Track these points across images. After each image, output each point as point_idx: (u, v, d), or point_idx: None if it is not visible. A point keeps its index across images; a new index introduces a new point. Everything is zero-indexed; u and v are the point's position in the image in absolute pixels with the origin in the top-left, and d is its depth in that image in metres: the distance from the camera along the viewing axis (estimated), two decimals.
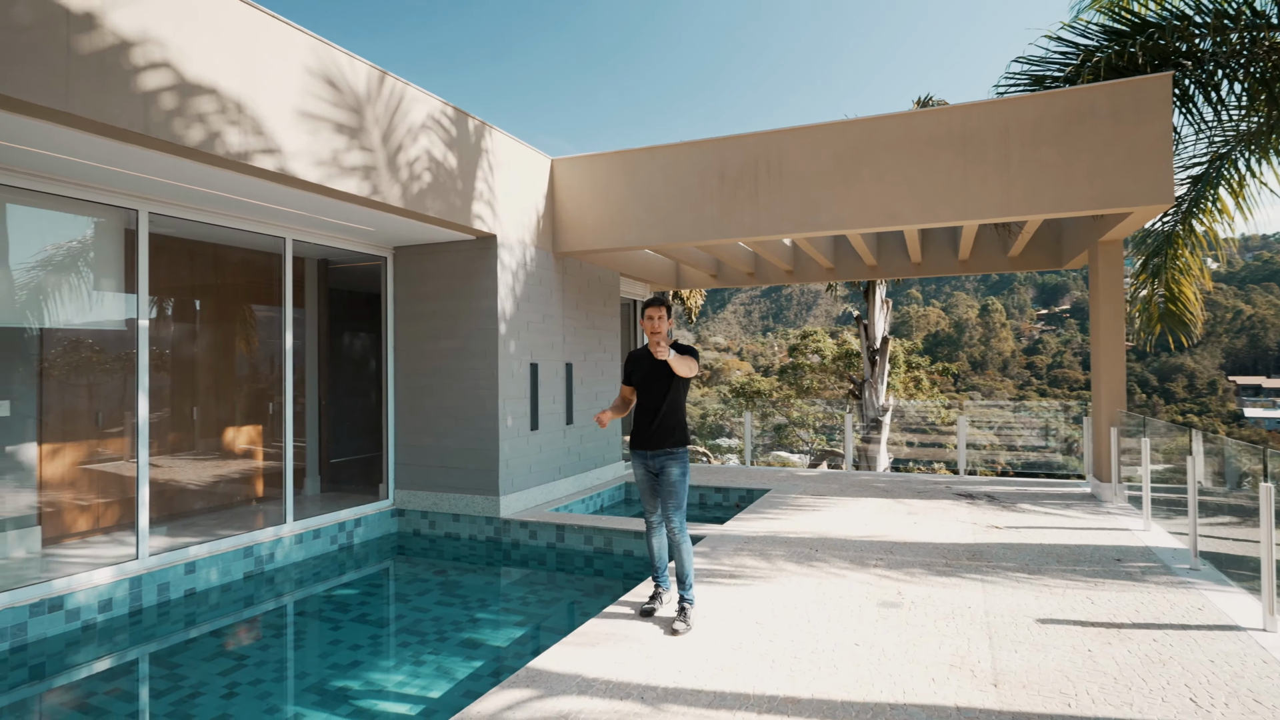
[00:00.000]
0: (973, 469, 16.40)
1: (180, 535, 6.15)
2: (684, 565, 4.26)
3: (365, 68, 5.63)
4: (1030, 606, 4.45)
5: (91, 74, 3.81)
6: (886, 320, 16.02)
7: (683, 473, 4.31)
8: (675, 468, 4.29)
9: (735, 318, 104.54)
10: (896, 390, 19.39)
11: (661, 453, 4.31)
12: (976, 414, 17.70)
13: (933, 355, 72.51)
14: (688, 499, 4.43)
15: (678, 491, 4.29)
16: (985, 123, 6.55)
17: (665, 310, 4.31)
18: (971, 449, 16.51)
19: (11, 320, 5.38)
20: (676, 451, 4.31)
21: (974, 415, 17.00)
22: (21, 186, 4.79)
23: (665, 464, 4.30)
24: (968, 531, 6.44)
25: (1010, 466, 13.59)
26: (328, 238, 7.06)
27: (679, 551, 4.27)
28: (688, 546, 4.29)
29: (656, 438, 4.31)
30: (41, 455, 5.79)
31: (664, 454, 4.30)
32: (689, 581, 4.27)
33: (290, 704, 4.11)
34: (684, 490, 4.33)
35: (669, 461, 4.30)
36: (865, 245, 9.28)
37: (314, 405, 8.37)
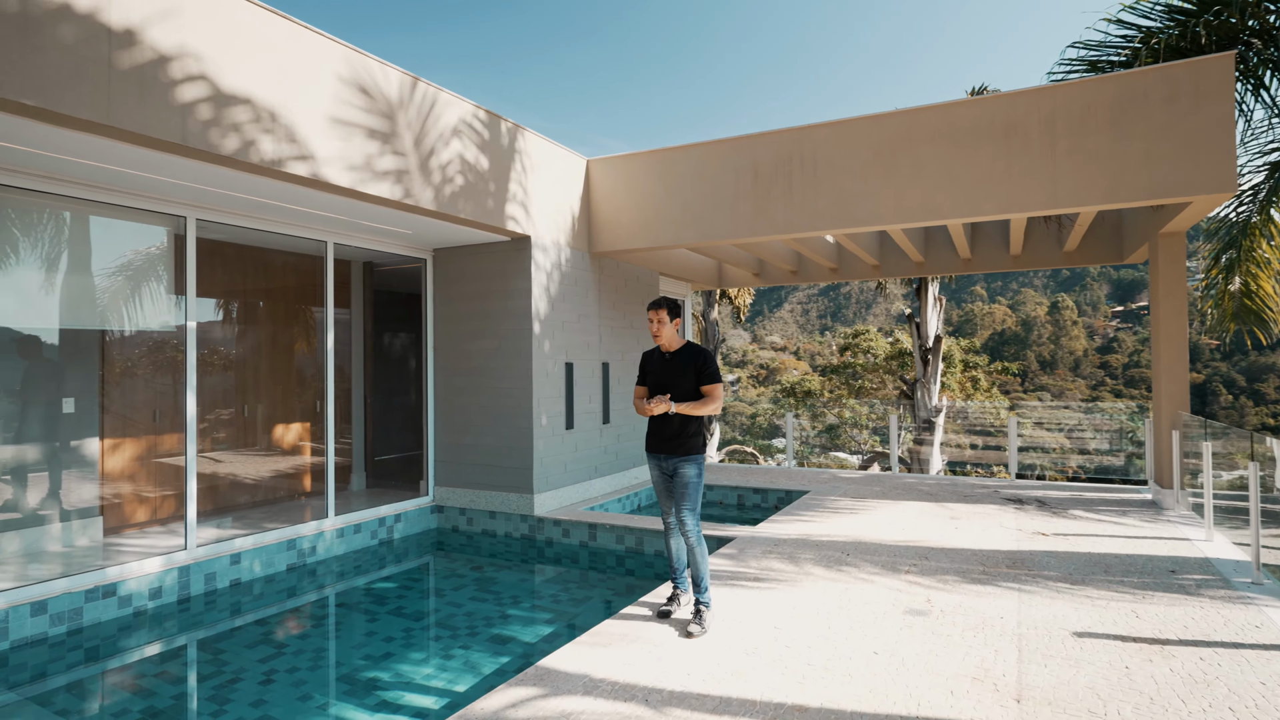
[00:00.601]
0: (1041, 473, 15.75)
1: (227, 528, 6.42)
2: (699, 568, 4.22)
3: (397, 74, 5.77)
4: (1068, 618, 4.24)
5: (131, 88, 4.01)
6: (939, 318, 15.54)
7: (698, 474, 4.26)
8: (689, 468, 4.24)
9: (792, 316, 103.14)
10: (952, 391, 18.77)
11: (676, 455, 4.26)
12: (1045, 415, 17.00)
13: (998, 355, 70.06)
14: (702, 499, 4.40)
15: (691, 493, 4.24)
16: (1029, 111, 6.27)
17: (667, 311, 4.28)
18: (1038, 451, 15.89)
19: (73, 323, 5.71)
20: (689, 457, 4.25)
21: (1041, 416, 16.34)
22: (77, 196, 5.07)
23: (679, 466, 4.26)
24: (1011, 538, 6.18)
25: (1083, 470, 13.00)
26: (367, 240, 7.27)
27: (693, 555, 4.22)
28: (703, 549, 4.24)
29: (671, 441, 4.27)
30: (103, 450, 6.14)
31: (678, 457, 4.26)
32: (705, 584, 4.22)
33: (322, 692, 4.23)
34: (698, 492, 4.28)
35: (683, 463, 4.25)
36: (910, 241, 9.01)
37: (360, 403, 8.62)
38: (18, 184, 4.73)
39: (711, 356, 4.32)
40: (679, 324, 4.37)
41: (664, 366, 4.34)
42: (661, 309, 4.29)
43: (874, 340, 20.42)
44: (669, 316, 4.30)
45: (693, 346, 4.34)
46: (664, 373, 4.32)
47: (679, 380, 4.26)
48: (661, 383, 4.32)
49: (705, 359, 4.27)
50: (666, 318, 4.29)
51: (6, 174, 4.66)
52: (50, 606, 4.75)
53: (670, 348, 4.37)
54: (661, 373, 4.33)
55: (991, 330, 78.46)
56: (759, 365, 74.57)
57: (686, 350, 4.34)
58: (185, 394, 5.74)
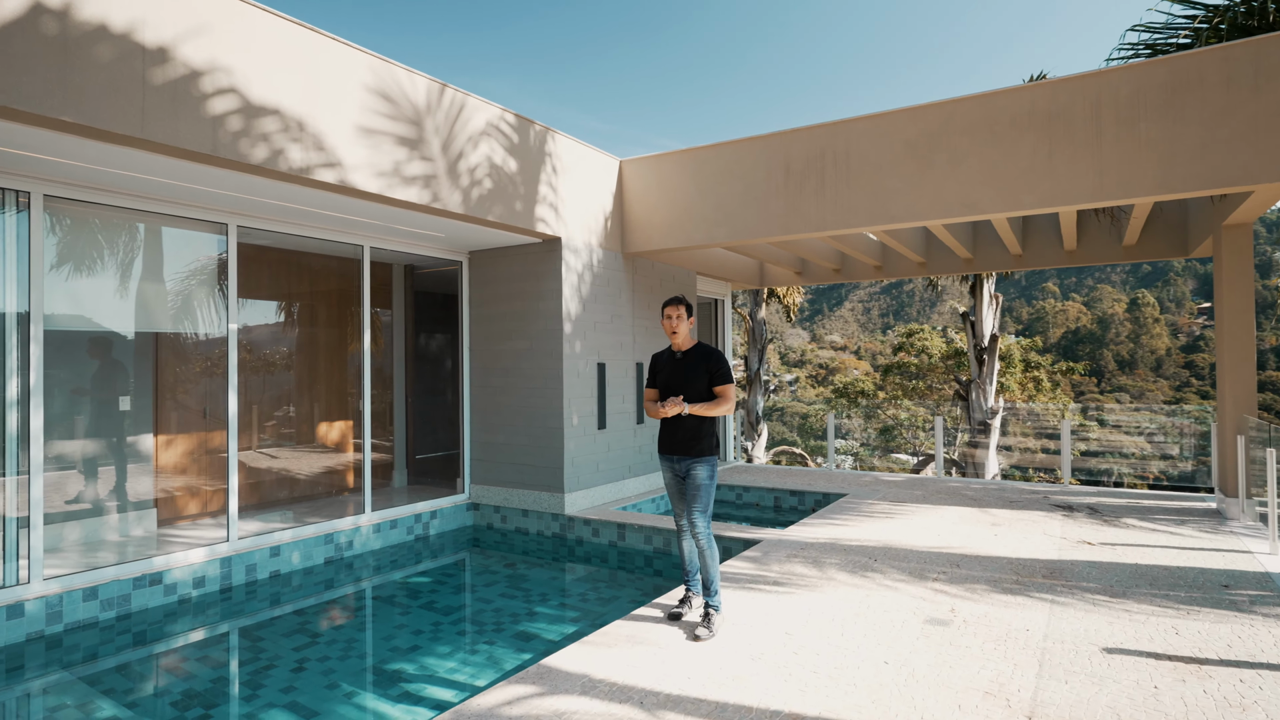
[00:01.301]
0: (1119, 479, 14.95)
1: (269, 521, 6.69)
2: (709, 571, 4.17)
3: (425, 81, 5.90)
4: (1100, 633, 4.03)
5: (164, 102, 4.23)
6: (996, 316, 14.95)
7: (710, 475, 4.22)
8: (702, 470, 4.20)
9: (853, 315, 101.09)
10: (1011, 392, 18.03)
11: (686, 458, 4.23)
12: (1113, 419, 16.13)
13: (1071, 354, 66.96)
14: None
15: (702, 495, 4.21)
16: (1074, 99, 5.97)
17: (685, 309, 4.24)
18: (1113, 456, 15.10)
19: (131, 326, 6.05)
20: (702, 459, 4.21)
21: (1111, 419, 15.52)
22: (126, 207, 5.38)
23: (691, 467, 4.22)
24: (1052, 546, 5.90)
25: (1165, 476, 12.29)
26: (402, 244, 7.46)
27: (704, 557, 4.18)
28: (713, 552, 4.20)
29: (683, 443, 4.23)
30: (157, 445, 6.49)
31: (690, 458, 4.22)
32: (714, 587, 4.18)
33: (349, 681, 4.36)
34: (709, 494, 4.23)
35: (695, 465, 4.21)
36: (955, 238, 8.70)
37: (401, 403, 8.87)
38: (72, 196, 5.04)
39: (724, 357, 4.27)
40: (692, 324, 4.33)
41: (675, 367, 4.30)
42: (680, 305, 4.25)
43: (929, 339, 19.78)
44: (687, 314, 4.26)
45: (704, 347, 4.30)
46: (675, 373, 4.29)
47: (691, 381, 4.22)
48: (672, 384, 4.28)
49: (718, 360, 4.23)
50: (685, 314, 4.25)
51: (64, 187, 4.97)
52: (100, 593, 5.05)
53: (682, 347, 4.32)
54: (673, 374, 4.30)
55: (1064, 329, 75.15)
56: (818, 365, 73.36)
57: (698, 351, 4.29)
58: (228, 393, 6.01)
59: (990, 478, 14.41)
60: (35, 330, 4.80)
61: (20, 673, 4.42)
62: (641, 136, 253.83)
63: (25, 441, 4.81)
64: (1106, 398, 56.68)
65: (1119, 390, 59.72)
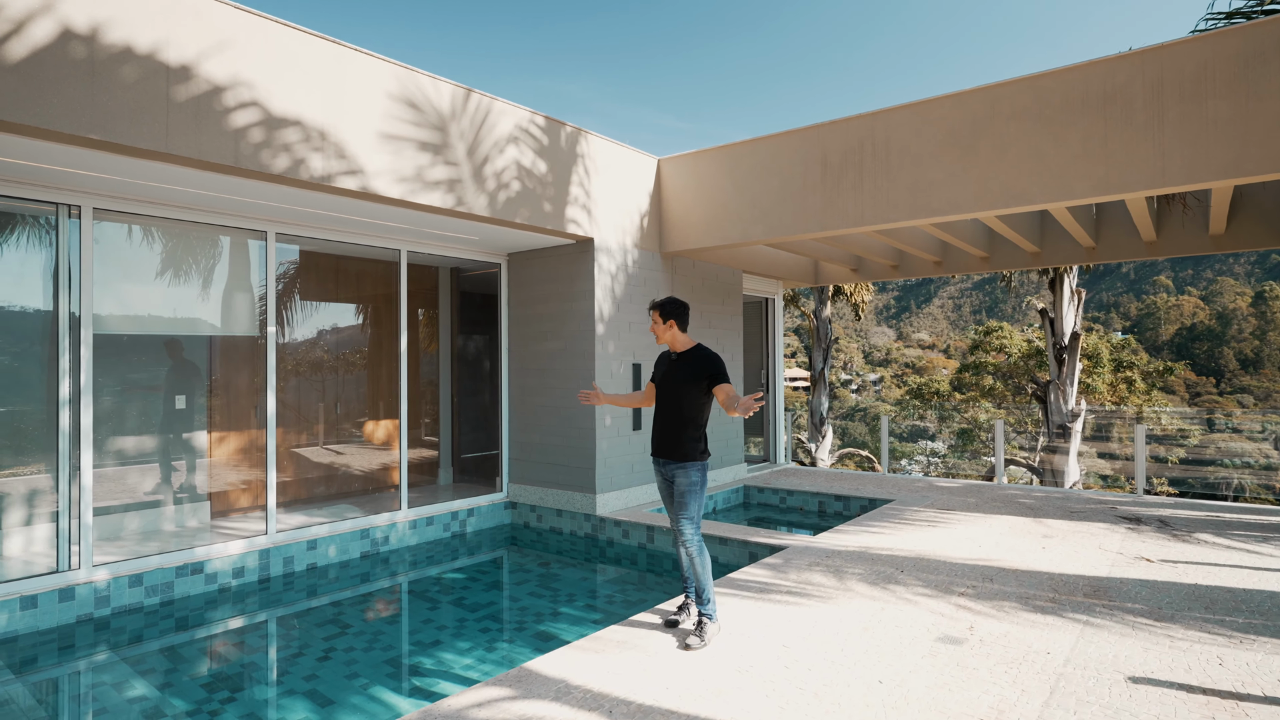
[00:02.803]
0: (1238, 491, 13.66)
1: (309, 515, 6.98)
2: (700, 579, 4.06)
3: (449, 87, 6.01)
4: (1130, 659, 3.68)
5: (188, 118, 4.46)
6: (1078, 313, 13.99)
7: (692, 484, 4.11)
8: (683, 477, 4.11)
9: (943, 312, 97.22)
10: (1099, 394, 16.81)
11: (671, 462, 4.16)
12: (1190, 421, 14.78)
13: (1186, 353, 62.00)
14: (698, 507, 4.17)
15: (686, 502, 4.11)
16: (1132, 78, 5.49)
17: (660, 313, 4.20)
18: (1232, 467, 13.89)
19: (182, 330, 6.44)
20: (686, 463, 4.11)
21: (1240, 424, 14.24)
22: (171, 218, 5.72)
23: (676, 472, 4.14)
24: (1104, 562, 5.45)
25: None
26: (439, 247, 7.64)
27: (694, 565, 4.08)
28: (704, 560, 4.08)
29: (665, 445, 4.18)
30: (210, 442, 6.88)
31: (673, 464, 4.15)
32: (707, 595, 4.06)
33: (367, 672, 4.49)
34: (694, 502, 4.12)
35: (677, 470, 4.13)
36: (1015, 230, 8.18)
37: (447, 402, 9.09)
38: (118, 208, 5.41)
39: (718, 360, 4.14)
40: (674, 325, 4.23)
41: (670, 368, 4.26)
42: (654, 310, 4.24)
43: (1008, 337, 18.70)
44: (661, 318, 4.21)
45: (701, 350, 4.21)
46: (670, 374, 4.24)
47: (683, 384, 4.15)
48: (665, 383, 4.24)
49: (715, 364, 4.11)
50: (659, 319, 4.21)
51: (110, 200, 5.34)
52: (145, 580, 5.40)
53: (678, 349, 4.27)
54: (667, 374, 4.26)
55: (1179, 325, 69.89)
56: (904, 364, 70.88)
57: (694, 354, 4.21)
58: (266, 393, 6.31)
59: (1070, 485, 13.51)
60: (85, 334, 5.18)
61: (70, 651, 4.76)
62: (724, 134, 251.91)
63: (76, 437, 5.19)
64: (1227, 400, 52.19)
65: (1241, 391, 54.94)
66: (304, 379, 7.75)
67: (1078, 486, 13.70)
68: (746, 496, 9.26)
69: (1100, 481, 17.07)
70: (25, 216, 5.22)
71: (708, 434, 4.34)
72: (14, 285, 5.22)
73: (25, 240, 5.25)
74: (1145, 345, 61.44)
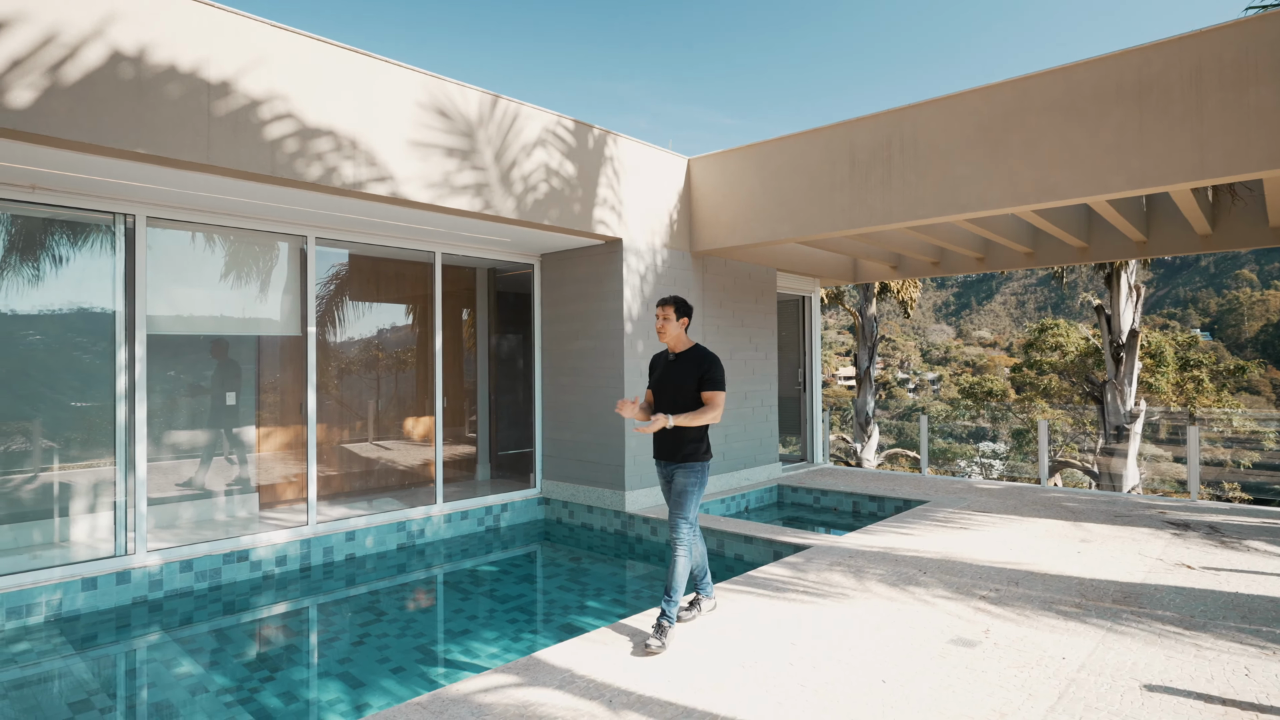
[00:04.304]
0: None
1: (350, 507, 7.28)
2: (675, 578, 4.03)
3: (476, 94, 6.19)
4: (1150, 667, 3.58)
5: (227, 131, 4.74)
6: (1137, 309, 13.42)
7: (692, 484, 4.11)
8: (683, 477, 4.12)
9: (1005, 309, 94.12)
10: (1163, 395, 16.05)
11: (672, 463, 4.16)
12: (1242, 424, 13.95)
13: (1271, 351, 58.48)
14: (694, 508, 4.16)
15: (684, 501, 4.11)
16: (1169, 66, 5.29)
17: (675, 310, 4.14)
18: None
19: (229, 330, 6.80)
20: (686, 465, 4.11)
21: None
22: (217, 224, 6.06)
23: (675, 473, 4.15)
24: (1141, 568, 5.27)
25: None
26: (473, 249, 7.85)
27: (674, 562, 4.05)
28: (683, 559, 4.06)
29: (666, 448, 4.16)
30: (258, 437, 7.24)
31: (674, 464, 4.15)
32: (675, 597, 4.01)
33: (398, 657, 4.69)
34: (692, 501, 4.11)
35: (677, 471, 4.15)
36: (1057, 225, 7.93)
37: (485, 400, 9.32)
38: (169, 216, 5.76)
39: (717, 362, 4.13)
40: (686, 324, 4.23)
41: (668, 369, 4.22)
42: (669, 305, 4.14)
43: (1065, 335, 18.03)
44: (676, 315, 4.15)
45: (699, 351, 4.19)
46: (667, 375, 4.20)
47: (681, 384, 4.12)
48: (663, 385, 4.21)
49: (710, 364, 4.10)
50: (673, 315, 4.13)
51: (160, 209, 5.69)
52: (195, 565, 5.74)
53: (677, 349, 4.23)
54: (664, 375, 4.22)
55: (1264, 321, 66.12)
56: (963, 363, 68.92)
57: (693, 354, 4.19)
58: (307, 390, 6.61)
59: (1128, 490, 12.99)
60: (140, 334, 5.54)
61: (126, 630, 5.11)
62: (776, 131, 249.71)
63: (132, 431, 5.55)
64: None
65: None
66: (345, 377, 8.07)
67: (1136, 491, 13.15)
68: (780, 496, 9.22)
69: (1174, 487, 16.27)
70: (90, 225, 5.61)
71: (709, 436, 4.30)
72: (81, 289, 5.62)
73: (91, 247, 5.65)
74: (1227, 343, 58.20)
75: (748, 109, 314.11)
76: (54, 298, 5.53)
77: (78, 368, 5.75)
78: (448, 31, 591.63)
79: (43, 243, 5.49)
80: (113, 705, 4.02)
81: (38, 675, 4.35)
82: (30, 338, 5.60)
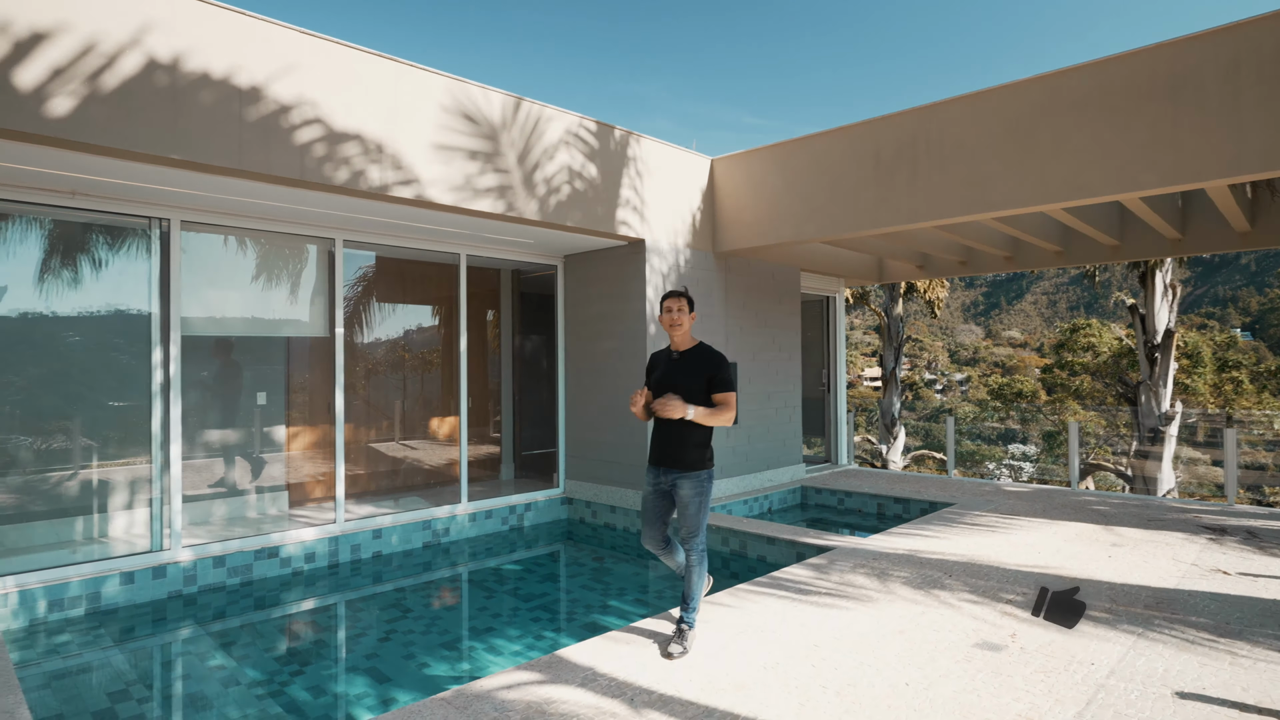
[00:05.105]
0: None
1: (376, 506, 7.38)
2: (694, 588, 3.96)
3: (500, 97, 6.25)
4: (1182, 675, 3.50)
5: (257, 136, 4.84)
6: (1173, 309, 13.12)
7: (697, 495, 3.88)
8: (688, 489, 3.87)
9: (1036, 309, 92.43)
10: (1201, 396, 15.65)
11: (674, 471, 3.90)
12: None
13: None
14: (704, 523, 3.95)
15: (691, 519, 3.88)
16: (1205, 59, 5.17)
17: (688, 303, 3.94)
18: None
19: (259, 331, 6.94)
20: (691, 473, 3.87)
21: None
22: (248, 228, 6.19)
23: (677, 482, 3.89)
24: (1175, 573, 5.16)
25: None
26: (496, 250, 7.92)
27: (690, 573, 3.97)
28: (702, 570, 3.99)
29: (670, 454, 3.89)
30: (288, 436, 7.38)
31: (677, 473, 3.89)
32: (694, 604, 3.96)
33: (423, 653, 4.76)
34: (703, 518, 3.91)
35: (681, 481, 3.88)
36: (1088, 222, 7.78)
37: (509, 401, 9.40)
38: (202, 220, 5.90)
39: (726, 361, 3.95)
40: (694, 320, 4.06)
41: (671, 368, 3.95)
42: (681, 298, 3.91)
43: (1097, 335, 17.66)
44: (689, 308, 3.94)
45: (706, 349, 3.97)
46: (670, 375, 3.93)
47: (688, 383, 3.86)
48: (665, 385, 3.92)
49: (720, 364, 3.91)
50: (686, 308, 3.91)
51: (194, 213, 5.83)
52: (227, 561, 5.86)
53: (681, 346, 4.00)
54: (666, 374, 3.94)
55: None
56: (992, 364, 67.79)
57: (698, 352, 3.96)
58: (334, 390, 6.73)
59: (1163, 494, 12.70)
60: (174, 335, 5.68)
61: (162, 623, 5.25)
62: (801, 130, 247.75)
63: (167, 429, 5.70)
64: None
65: None
66: (372, 378, 8.19)
67: (1171, 495, 12.85)
68: (804, 497, 9.17)
69: (1211, 491, 15.86)
70: (127, 230, 5.76)
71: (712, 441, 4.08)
72: (119, 291, 5.77)
73: (128, 251, 5.80)
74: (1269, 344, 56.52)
75: (772, 108, 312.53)
76: (93, 300, 5.70)
77: (115, 368, 5.91)
78: (469, 33, 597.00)
79: (83, 247, 5.65)
80: (149, 696, 4.13)
81: (78, 666, 4.49)
82: (70, 339, 5.77)
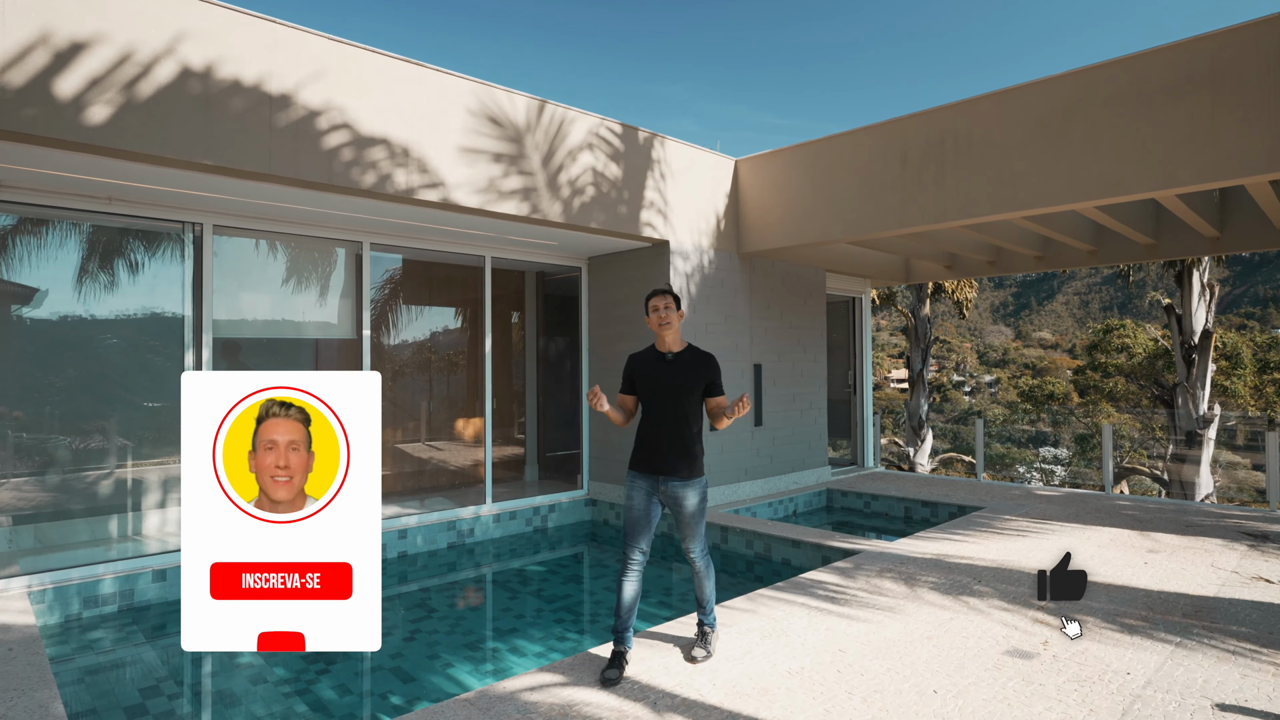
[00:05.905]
0: None
1: (399, 506, 7.45)
2: (707, 592, 3.90)
3: (524, 100, 6.28)
4: (1222, 686, 3.40)
5: (287, 142, 4.91)
6: (1210, 309, 12.78)
7: (702, 500, 3.74)
8: (693, 497, 3.69)
9: (1068, 309, 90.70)
10: (1241, 399, 15.22)
11: (675, 480, 3.66)
12: None
13: None
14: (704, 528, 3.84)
15: (696, 525, 3.74)
16: (1244, 51, 5.03)
17: (675, 301, 3.72)
18: None
19: (288, 333, 7.04)
20: (694, 481, 3.69)
21: None
22: (278, 231, 6.29)
23: (680, 492, 3.66)
24: (1214, 581, 5.02)
25: None
26: (521, 253, 7.96)
27: (701, 580, 3.89)
28: (710, 573, 3.92)
29: (668, 461, 3.64)
30: None
31: (678, 482, 3.66)
32: (710, 606, 3.90)
33: (447, 653, 4.80)
34: (703, 525, 3.79)
35: (684, 490, 3.66)
36: (1121, 221, 7.61)
37: (533, 402, 9.44)
38: (233, 224, 6.01)
39: (717, 363, 3.77)
40: (682, 318, 3.80)
41: (664, 369, 3.69)
42: (668, 295, 3.68)
43: (1132, 336, 17.26)
44: (677, 306, 3.71)
45: (701, 351, 3.76)
46: (665, 377, 3.67)
47: (685, 389, 3.65)
48: (659, 388, 3.68)
49: (717, 368, 3.73)
50: (675, 306, 3.67)
51: (226, 217, 5.94)
52: None
53: (672, 348, 3.74)
54: (662, 377, 3.68)
55: None
56: (1023, 365, 66.63)
57: (694, 354, 3.74)
58: None
59: (1200, 498, 12.38)
60: (207, 337, 5.78)
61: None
62: (823, 131, 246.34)
63: None
64: None
65: None
66: (398, 379, 8.28)
67: (1210, 500, 12.52)
68: (829, 500, 9.08)
69: (1252, 496, 15.40)
70: (162, 234, 5.89)
71: None
72: (153, 295, 5.91)
73: (163, 255, 5.93)
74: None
75: (796, 109, 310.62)
76: (128, 303, 5.83)
77: (150, 369, 6.05)
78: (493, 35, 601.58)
79: (119, 251, 5.79)
80: (180, 692, 4.21)
81: (111, 662, 4.59)
82: (107, 341, 5.92)
